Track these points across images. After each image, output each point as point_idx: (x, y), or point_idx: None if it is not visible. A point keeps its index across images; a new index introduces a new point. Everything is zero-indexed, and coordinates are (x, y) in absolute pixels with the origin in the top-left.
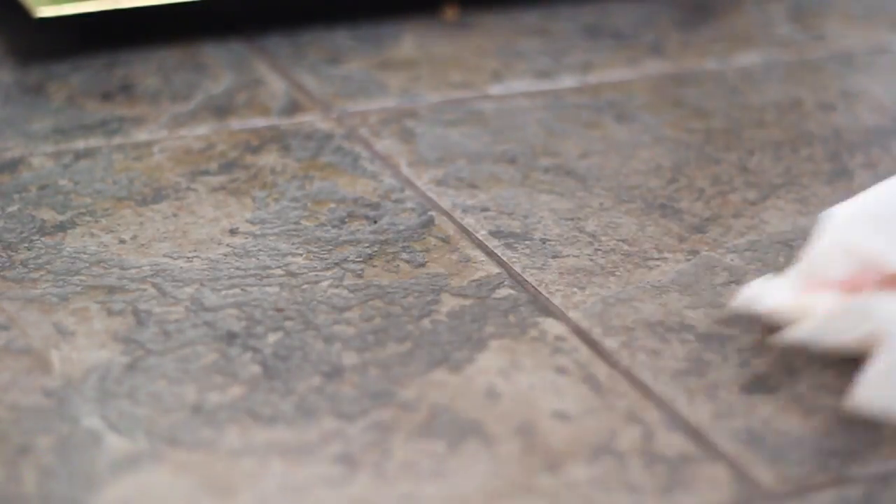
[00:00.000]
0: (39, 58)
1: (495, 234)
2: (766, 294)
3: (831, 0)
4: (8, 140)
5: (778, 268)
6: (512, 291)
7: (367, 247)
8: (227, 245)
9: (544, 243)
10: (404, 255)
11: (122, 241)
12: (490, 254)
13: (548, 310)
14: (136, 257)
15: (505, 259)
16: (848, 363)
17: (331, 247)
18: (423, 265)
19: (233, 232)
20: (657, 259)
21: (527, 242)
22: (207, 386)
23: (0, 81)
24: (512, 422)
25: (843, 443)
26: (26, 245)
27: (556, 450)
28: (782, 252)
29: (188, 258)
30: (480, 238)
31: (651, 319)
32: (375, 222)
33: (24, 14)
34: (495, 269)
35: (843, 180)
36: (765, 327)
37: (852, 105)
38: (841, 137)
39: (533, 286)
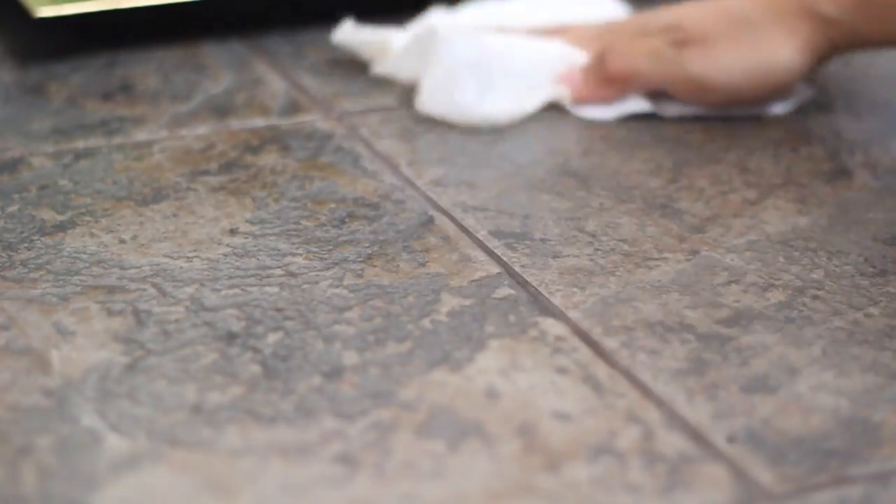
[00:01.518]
0: (39, 58)
1: (495, 233)
2: (355, 32)
3: None
4: (8, 140)
5: (778, 267)
6: (512, 291)
7: (367, 247)
8: (227, 245)
9: (544, 243)
10: (404, 255)
11: (122, 241)
12: (490, 254)
13: (548, 310)
14: (136, 257)
15: (505, 259)
16: (849, 362)
17: (331, 247)
18: (423, 265)
19: (233, 232)
20: (657, 259)
21: (527, 242)
22: (207, 386)
23: (0, 81)
24: (512, 422)
25: (843, 443)
26: (26, 245)
27: (556, 450)
28: (782, 252)
29: (188, 258)
30: (480, 238)
31: (651, 319)
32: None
33: (24, 14)
34: (495, 269)
35: (843, 180)
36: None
37: (852, 105)
38: (841, 137)
39: (533, 286)
